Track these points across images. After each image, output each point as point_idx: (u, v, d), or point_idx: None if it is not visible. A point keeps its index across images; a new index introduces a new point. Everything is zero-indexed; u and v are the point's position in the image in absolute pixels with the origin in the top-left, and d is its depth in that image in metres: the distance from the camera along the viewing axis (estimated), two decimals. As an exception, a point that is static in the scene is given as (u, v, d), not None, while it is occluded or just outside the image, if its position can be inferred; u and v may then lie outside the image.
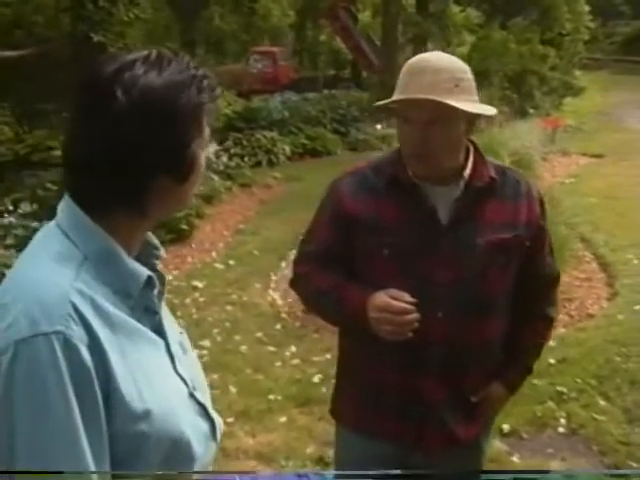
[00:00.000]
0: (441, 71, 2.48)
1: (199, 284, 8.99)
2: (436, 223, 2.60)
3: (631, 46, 40.03)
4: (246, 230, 11.73)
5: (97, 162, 1.54)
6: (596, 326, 7.39)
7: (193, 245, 10.75)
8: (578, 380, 6.08)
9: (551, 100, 23.90)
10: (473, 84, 2.58)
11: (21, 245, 7.98)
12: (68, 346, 1.45)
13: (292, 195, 13.73)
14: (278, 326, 7.65)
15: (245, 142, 16.21)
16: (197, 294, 8.68)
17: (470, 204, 2.62)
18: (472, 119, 2.60)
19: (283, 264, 9.71)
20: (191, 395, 1.73)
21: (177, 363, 1.72)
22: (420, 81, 2.46)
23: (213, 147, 14.54)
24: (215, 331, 7.55)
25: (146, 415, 1.54)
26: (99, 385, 1.48)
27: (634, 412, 5.73)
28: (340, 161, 16.27)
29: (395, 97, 2.53)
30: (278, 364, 6.77)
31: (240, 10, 33.56)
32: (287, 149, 17.18)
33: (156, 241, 1.79)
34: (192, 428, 1.67)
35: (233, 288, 8.91)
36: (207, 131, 1.69)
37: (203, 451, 1.71)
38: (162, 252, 1.80)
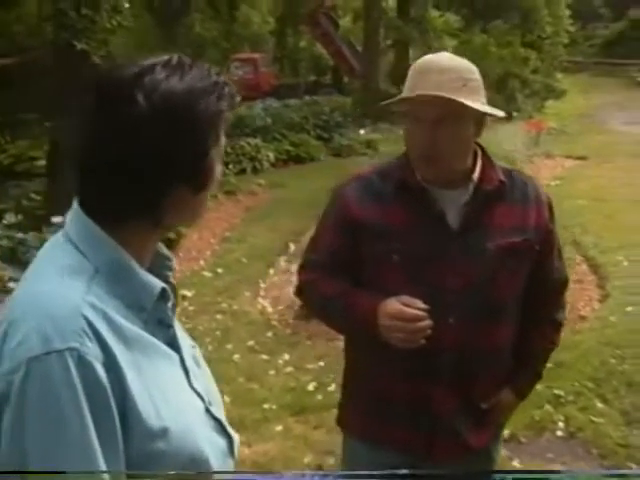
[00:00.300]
0: (449, 70, 2.46)
1: (188, 293, 8.86)
2: (445, 228, 2.56)
3: (610, 48, 40.27)
4: (233, 238, 11.67)
5: (114, 169, 1.48)
6: (590, 328, 7.37)
7: (181, 254, 10.60)
8: (575, 383, 6.04)
9: (533, 103, 23.95)
10: (481, 85, 2.55)
11: (6, 256, 7.89)
12: (83, 363, 1.38)
13: (277, 202, 13.76)
14: (269, 334, 7.59)
15: (229, 149, 16.06)
16: (186, 303, 8.56)
17: (479, 208, 2.58)
18: (480, 120, 2.56)
19: (271, 271, 9.69)
20: (207, 410, 1.67)
21: (192, 378, 1.66)
22: (428, 79, 2.44)
23: None
24: (206, 340, 7.43)
25: (163, 433, 1.48)
26: (115, 403, 1.42)
27: (632, 414, 5.70)
28: (324, 167, 16.47)
29: (403, 95, 2.51)
30: (272, 372, 6.70)
31: (220, 17, 33.48)
32: (271, 156, 17.13)
33: (167, 251, 1.73)
34: (210, 445, 1.61)
35: (222, 296, 8.84)
36: (223, 140, 1.63)
37: (220, 468, 1.65)
38: (174, 263, 1.74)
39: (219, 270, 9.89)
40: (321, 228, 2.82)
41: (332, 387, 6.04)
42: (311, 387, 6.27)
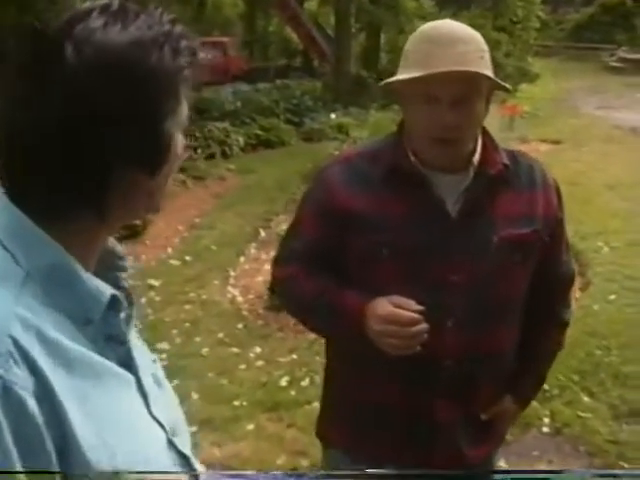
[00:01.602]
0: (469, 40, 2.18)
1: (155, 282, 8.57)
2: (445, 217, 2.26)
3: (581, 33, 40.16)
4: (202, 224, 11.33)
5: (42, 148, 1.14)
6: (573, 318, 7.10)
7: (147, 241, 10.28)
8: (560, 376, 5.76)
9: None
10: (489, 56, 2.25)
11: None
12: (9, 395, 1.06)
13: (247, 187, 13.45)
14: (240, 325, 7.29)
15: (198, 134, 15.74)
16: (153, 293, 8.27)
17: (482, 195, 2.29)
18: (491, 95, 2.28)
19: (242, 259, 9.43)
20: (170, 442, 1.35)
21: (152, 403, 1.34)
22: (448, 52, 2.13)
23: None
24: (174, 332, 7.18)
25: (115, 474, 1.16)
26: (52, 442, 1.10)
27: (620, 408, 5.50)
28: (295, 151, 16.26)
29: (419, 72, 2.15)
30: (242, 367, 6.42)
31: (189, 1, 33.07)
32: (241, 140, 16.76)
33: (120, 248, 1.41)
34: (172, 485, 1.30)
35: (191, 286, 8.52)
36: (185, 108, 1.30)
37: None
38: (128, 263, 1.41)
39: (187, 258, 9.57)
40: (301, 216, 2.50)
41: (305, 382, 5.82)
42: (284, 382, 6.01)
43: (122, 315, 1.29)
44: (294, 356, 6.24)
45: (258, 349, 6.66)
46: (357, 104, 20.35)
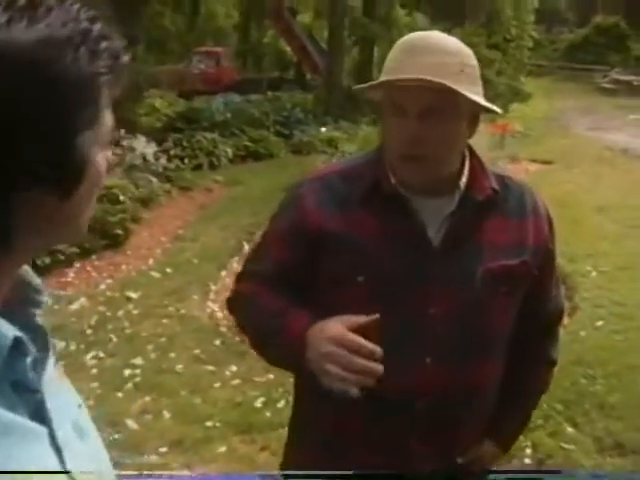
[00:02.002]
0: (444, 51, 1.99)
1: (133, 295, 8.40)
2: (426, 244, 2.08)
3: (574, 53, 40.28)
4: (185, 236, 11.14)
5: None
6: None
7: (128, 252, 10.13)
8: (543, 405, 5.58)
9: (498, 105, 23.61)
10: (478, 73, 2.07)
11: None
12: None
13: (234, 199, 13.29)
14: (217, 342, 7.10)
15: (186, 143, 15.66)
16: (131, 306, 8.09)
17: (468, 222, 2.10)
18: (476, 115, 2.10)
19: (223, 273, 9.21)
20: None
21: (67, 457, 1.14)
22: (420, 60, 1.96)
23: (152, 148, 14.07)
24: (149, 348, 6.99)
25: None
26: None
27: (605, 440, 5.32)
28: (283, 164, 16.09)
29: (386, 77, 2.01)
30: (217, 385, 6.22)
31: (182, 10, 33.05)
32: (229, 151, 16.64)
33: (37, 281, 1.21)
34: None
35: (170, 299, 8.31)
36: (108, 119, 1.11)
37: None
38: (46, 297, 1.21)
39: (168, 270, 9.37)
40: (270, 234, 2.29)
41: (281, 403, 5.64)
42: (259, 403, 5.82)
43: (29, 359, 1.09)
44: (271, 376, 6.05)
45: (234, 367, 6.47)
46: (348, 118, 20.28)
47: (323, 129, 19.16)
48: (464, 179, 2.12)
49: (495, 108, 2.15)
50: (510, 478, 1.76)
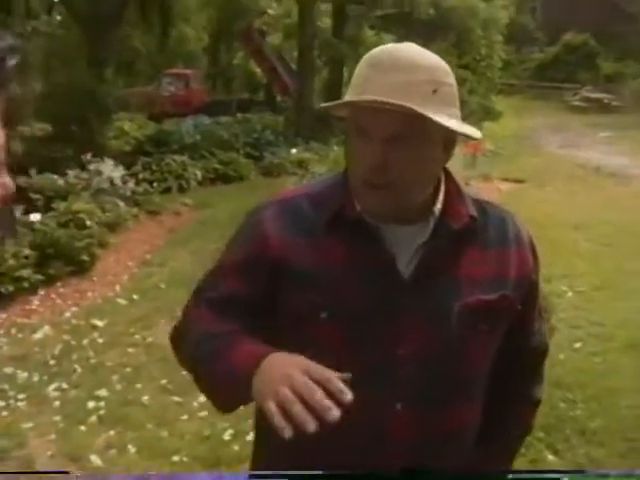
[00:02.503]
0: (416, 68, 1.74)
1: (99, 322, 8.18)
2: (395, 277, 1.85)
3: (544, 72, 40.54)
4: (153, 261, 10.92)
5: None
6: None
7: (95, 278, 9.90)
8: (524, 433, 5.42)
9: (470, 124, 23.63)
10: (456, 92, 1.84)
11: None
12: None
13: (203, 223, 13.07)
14: (185, 372, 6.84)
15: (154, 166, 15.49)
16: (96, 334, 7.88)
17: (442, 252, 1.88)
18: (452, 139, 1.86)
19: (191, 299, 8.92)
20: None
21: None
22: (386, 79, 1.72)
23: (119, 172, 13.85)
24: (114, 378, 6.77)
25: None
26: None
27: (587, 468, 5.11)
28: (253, 186, 15.92)
29: (349, 97, 1.80)
30: (184, 417, 6.01)
31: (152, 32, 32.85)
32: (198, 174, 16.47)
33: None
34: None
35: (136, 327, 8.10)
36: None
37: None
38: None
39: (135, 297, 9.15)
40: (226, 261, 2.03)
41: (250, 436, 5.38)
42: (227, 436, 5.60)
43: None
44: (240, 407, 5.83)
45: (202, 398, 6.20)
46: (319, 139, 20.16)
47: (293, 150, 19.04)
48: (439, 205, 1.90)
49: (473, 133, 1.87)
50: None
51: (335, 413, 1.46)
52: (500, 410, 2.08)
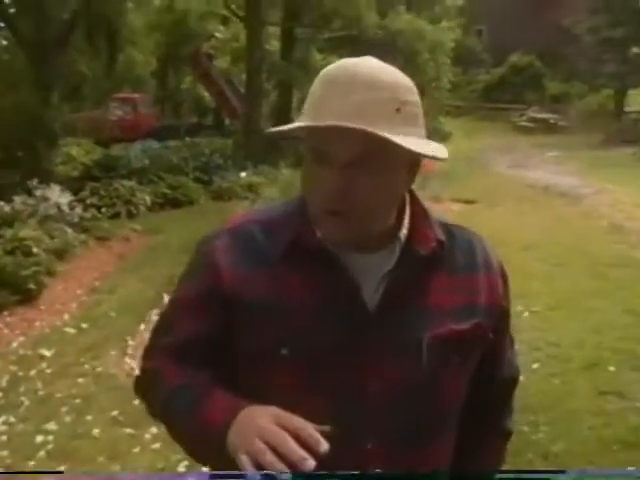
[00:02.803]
0: (378, 86, 1.61)
1: (47, 353, 8.00)
2: (360, 308, 1.73)
3: (491, 93, 40.95)
4: (102, 288, 10.73)
5: None
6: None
7: (42, 307, 9.70)
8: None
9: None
10: (420, 110, 1.71)
11: None
12: None
13: (153, 249, 12.97)
14: (136, 402, 6.65)
15: (103, 192, 15.33)
16: (44, 364, 7.70)
17: (409, 280, 1.77)
18: (417, 161, 1.74)
19: (142, 326, 8.78)
20: None
21: None
22: (345, 100, 1.60)
23: (67, 197, 13.69)
24: (63, 410, 6.59)
25: None
26: None
27: (554, 490, 5.04)
28: (203, 211, 15.86)
29: (302, 122, 1.65)
30: (136, 450, 5.84)
31: (99, 57, 32.62)
32: (147, 199, 16.33)
33: None
34: None
35: (86, 357, 7.92)
36: None
37: None
38: None
39: (84, 325, 8.97)
40: (179, 299, 1.90)
41: (206, 468, 5.24)
42: (182, 467, 5.43)
43: None
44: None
45: (155, 429, 6.03)
46: (268, 162, 20.06)
47: (243, 174, 18.95)
48: (404, 230, 1.79)
49: (441, 154, 1.70)
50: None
51: (310, 463, 1.40)
52: (472, 443, 1.98)
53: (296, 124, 1.66)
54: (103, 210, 14.83)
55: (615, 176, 20.10)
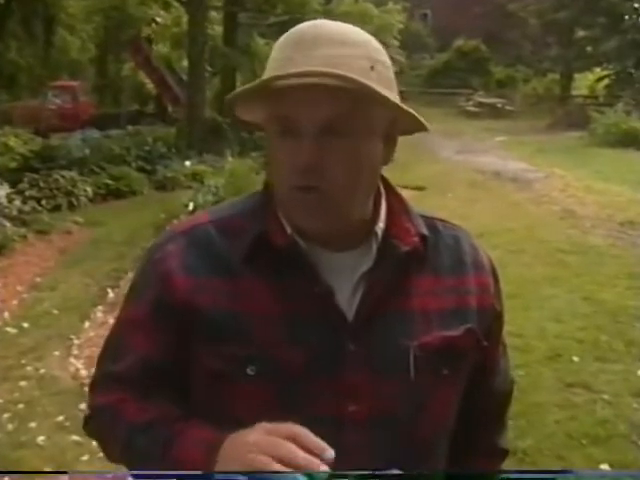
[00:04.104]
0: (350, 42, 1.43)
1: (-14, 354, 7.60)
2: (335, 316, 1.52)
3: (436, 78, 41.30)
4: (43, 285, 10.37)
5: None
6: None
7: (-19, 305, 9.31)
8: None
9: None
10: (392, 74, 1.51)
11: None
12: None
13: (95, 242, 12.67)
14: (83, 406, 6.34)
15: (42, 184, 15.00)
16: (-16, 368, 7.29)
17: (390, 282, 1.54)
18: (393, 134, 1.53)
19: (86, 324, 8.51)
20: None
21: None
22: (314, 53, 1.40)
23: (4, 190, 13.38)
24: (5, 417, 6.23)
25: None
26: None
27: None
28: (147, 201, 15.71)
29: (267, 76, 1.43)
30: (85, 458, 5.49)
31: (35, 42, 32.05)
32: (89, 190, 16.04)
33: None
34: None
35: (28, 358, 7.55)
36: None
37: None
38: None
39: (25, 325, 8.58)
40: (125, 320, 1.67)
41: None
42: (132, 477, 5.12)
43: None
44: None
45: (104, 436, 5.77)
46: (212, 151, 19.86)
47: (187, 163, 18.72)
48: (381, 224, 1.57)
49: (423, 121, 1.55)
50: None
51: (330, 452, 1.29)
52: (463, 463, 1.76)
53: (258, 81, 1.44)
54: (43, 202, 14.54)
55: (564, 161, 20.30)
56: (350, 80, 1.36)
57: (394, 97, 1.47)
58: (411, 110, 1.49)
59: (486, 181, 17.71)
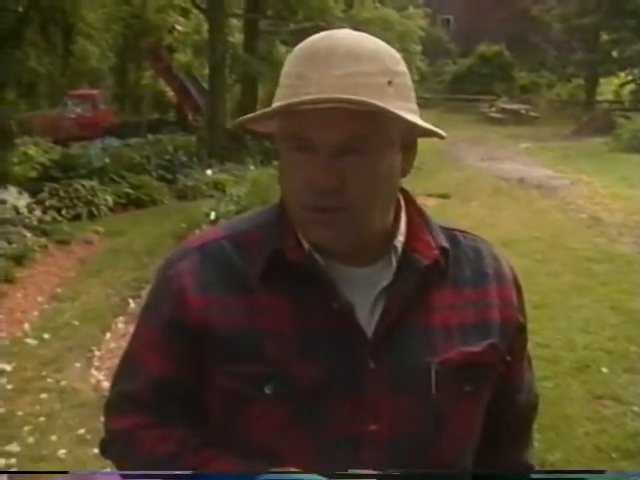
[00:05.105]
0: (365, 56, 1.40)
1: (7, 367, 7.54)
2: (355, 333, 1.49)
3: (459, 84, 41.21)
4: (64, 295, 10.32)
5: None
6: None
7: (1, 316, 9.26)
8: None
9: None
10: (410, 83, 1.49)
11: None
12: None
13: (116, 252, 12.63)
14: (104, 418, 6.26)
15: (62, 193, 15.02)
16: (4, 380, 7.25)
17: (410, 296, 1.51)
18: (411, 145, 1.52)
19: (107, 335, 8.49)
20: None
21: None
22: (328, 73, 1.37)
23: (25, 200, 13.38)
24: (26, 430, 6.15)
25: None
26: None
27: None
28: (167, 211, 15.72)
29: (280, 102, 1.40)
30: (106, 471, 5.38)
31: (55, 51, 32.09)
32: (109, 199, 16.03)
33: None
34: None
35: (48, 370, 7.50)
36: None
37: None
38: None
39: (45, 336, 8.53)
40: (141, 337, 1.64)
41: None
42: (153, 492, 5.01)
43: None
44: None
45: (124, 450, 5.66)
46: (234, 159, 19.85)
47: (208, 172, 18.73)
48: (401, 237, 1.54)
49: (439, 131, 1.51)
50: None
51: None
52: None
53: (275, 105, 1.41)
54: (63, 212, 14.53)
55: (589, 167, 20.23)
56: (366, 104, 1.32)
57: (411, 108, 1.45)
58: (427, 125, 1.45)
59: (511, 188, 17.61)
